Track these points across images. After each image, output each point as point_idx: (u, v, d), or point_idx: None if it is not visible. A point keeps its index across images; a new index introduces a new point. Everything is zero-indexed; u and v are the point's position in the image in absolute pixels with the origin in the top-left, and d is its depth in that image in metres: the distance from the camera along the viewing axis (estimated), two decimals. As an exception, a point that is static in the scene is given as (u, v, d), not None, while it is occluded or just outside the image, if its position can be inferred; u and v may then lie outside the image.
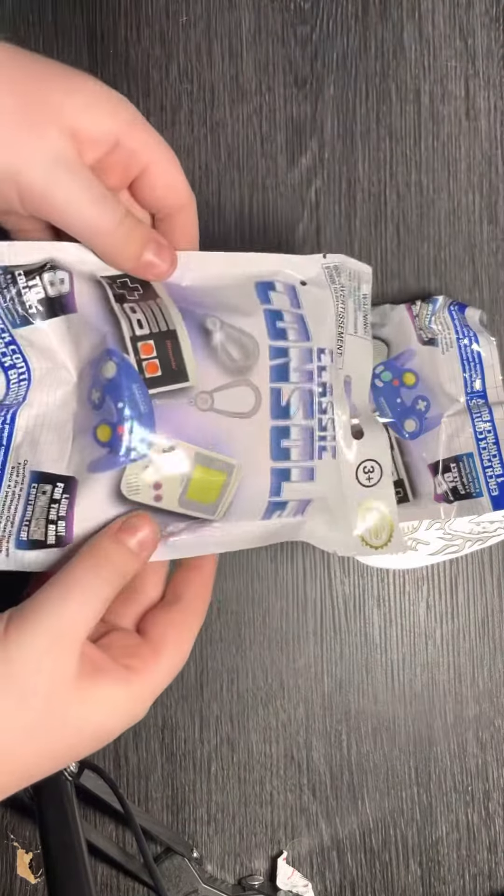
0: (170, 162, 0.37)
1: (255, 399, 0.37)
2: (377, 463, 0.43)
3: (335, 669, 0.57)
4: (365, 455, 0.43)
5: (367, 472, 0.43)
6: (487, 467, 0.53)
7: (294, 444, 0.38)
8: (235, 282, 0.39)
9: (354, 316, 0.42)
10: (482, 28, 0.58)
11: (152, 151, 0.36)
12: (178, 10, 0.58)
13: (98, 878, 0.56)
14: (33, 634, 0.31)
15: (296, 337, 0.39)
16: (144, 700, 0.34)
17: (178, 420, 0.35)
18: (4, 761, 0.31)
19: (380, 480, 0.43)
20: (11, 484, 0.35)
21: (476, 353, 0.54)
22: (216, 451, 0.36)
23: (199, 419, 0.35)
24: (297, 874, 0.56)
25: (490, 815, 0.57)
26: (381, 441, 0.44)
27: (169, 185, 0.37)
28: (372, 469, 0.43)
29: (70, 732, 0.32)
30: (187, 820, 0.57)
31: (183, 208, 0.38)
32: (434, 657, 0.57)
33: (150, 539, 0.34)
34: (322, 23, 0.58)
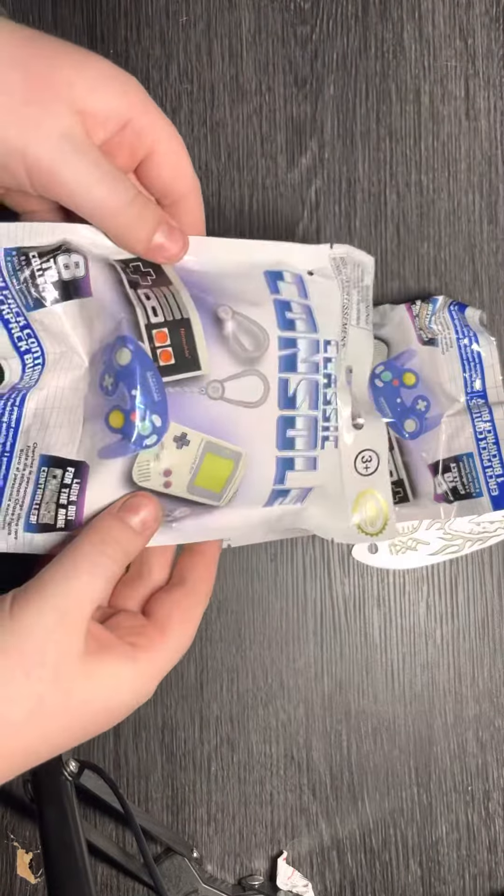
0: (177, 146, 0.36)
1: (264, 389, 0.37)
2: (375, 453, 0.44)
3: (335, 669, 0.57)
4: (364, 445, 0.44)
5: (366, 461, 0.44)
6: (487, 467, 0.53)
7: (299, 433, 0.39)
8: (244, 270, 0.39)
9: (357, 307, 0.43)
10: (482, 28, 0.58)
11: (160, 134, 0.35)
12: (178, 10, 0.58)
13: (98, 878, 0.56)
14: (40, 612, 0.31)
15: (304, 328, 0.39)
16: (151, 678, 0.34)
17: (190, 408, 0.35)
18: (12, 736, 0.30)
19: (377, 470, 0.44)
20: (20, 467, 0.35)
21: (476, 352, 0.54)
22: (225, 440, 0.36)
23: (210, 408, 0.36)
24: (297, 874, 0.56)
25: (490, 815, 0.57)
26: (379, 431, 0.44)
27: (175, 169, 0.36)
28: (370, 458, 0.44)
29: (77, 708, 0.31)
30: (187, 820, 0.57)
31: (188, 194, 0.37)
32: (434, 657, 0.57)
33: (152, 518, 0.35)
34: (322, 23, 0.58)
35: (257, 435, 0.38)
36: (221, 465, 0.37)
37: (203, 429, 0.36)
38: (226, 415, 0.36)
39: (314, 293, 0.40)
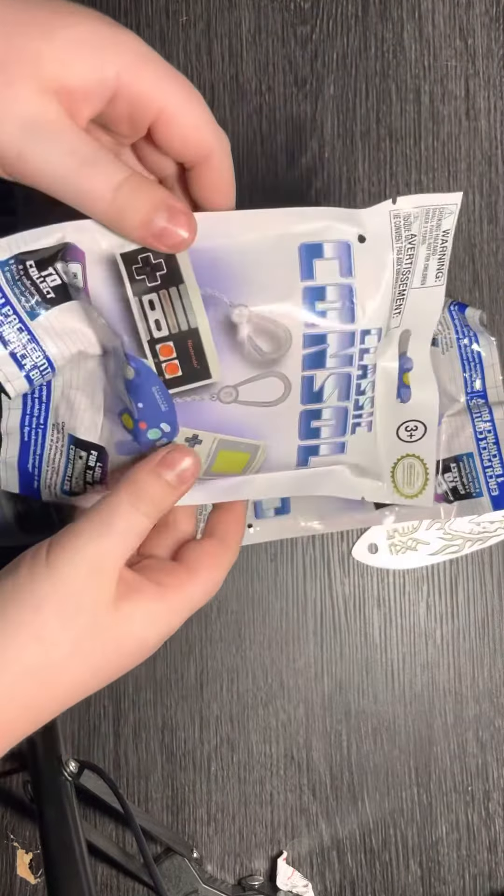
0: (188, 101, 0.31)
1: (285, 388, 0.36)
2: (421, 423, 0.42)
3: (335, 669, 0.57)
4: (409, 416, 0.41)
5: (410, 430, 0.42)
6: (487, 467, 0.53)
7: (326, 423, 0.37)
8: (275, 245, 0.34)
9: (425, 265, 0.37)
10: (482, 28, 0.58)
11: (164, 92, 0.31)
12: (178, 10, 0.58)
13: (98, 878, 0.56)
14: (73, 563, 0.32)
15: (338, 319, 0.35)
16: (180, 612, 0.35)
17: (200, 414, 0.35)
18: (56, 676, 0.32)
19: (422, 437, 0.42)
20: (54, 439, 0.37)
21: (476, 352, 0.54)
22: (240, 437, 0.36)
23: (223, 411, 0.35)
24: (297, 874, 0.56)
25: (490, 815, 0.57)
26: (430, 401, 0.42)
27: (191, 129, 0.32)
28: (415, 428, 0.42)
29: (112, 647, 0.33)
30: (187, 820, 0.57)
31: (211, 155, 0.33)
32: (434, 657, 0.57)
33: (191, 471, 0.34)
34: (322, 22, 0.58)
35: (277, 428, 0.36)
36: (238, 457, 0.37)
37: (215, 430, 0.36)
38: (240, 415, 0.36)
39: (361, 267, 0.35)
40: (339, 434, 0.38)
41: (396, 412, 0.41)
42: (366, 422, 0.39)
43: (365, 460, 0.40)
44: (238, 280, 0.34)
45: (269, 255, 0.34)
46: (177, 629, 0.35)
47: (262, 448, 0.37)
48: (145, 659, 0.35)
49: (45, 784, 0.47)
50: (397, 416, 0.41)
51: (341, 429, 0.38)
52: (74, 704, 0.34)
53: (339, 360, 0.36)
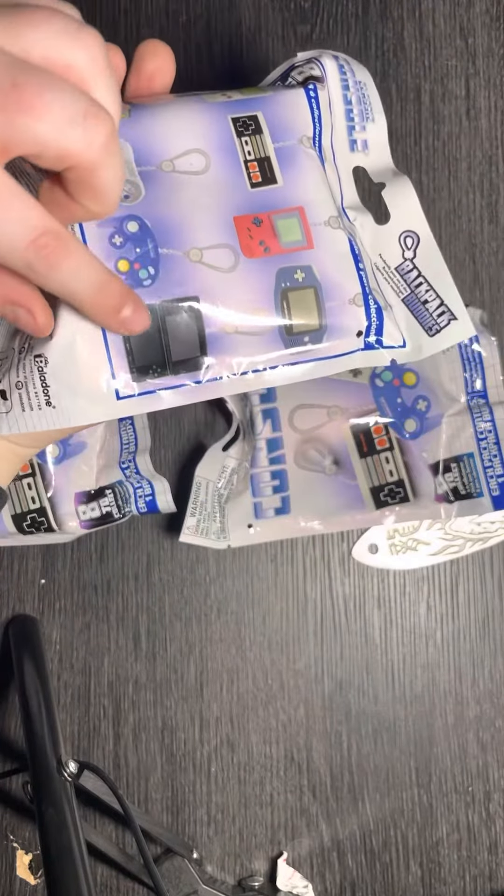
0: (60, 35, 0.27)
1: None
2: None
3: (335, 670, 0.57)
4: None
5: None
6: (488, 467, 0.53)
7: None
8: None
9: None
10: (482, 27, 0.58)
11: (58, 55, 0.27)
12: (178, 10, 0.58)
13: (98, 878, 0.56)
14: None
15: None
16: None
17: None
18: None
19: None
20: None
21: (477, 352, 0.54)
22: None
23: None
24: (298, 875, 0.56)
25: (490, 816, 0.57)
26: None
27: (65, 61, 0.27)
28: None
29: None
30: (187, 821, 0.57)
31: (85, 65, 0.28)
32: (435, 658, 0.57)
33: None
34: (322, 22, 0.57)
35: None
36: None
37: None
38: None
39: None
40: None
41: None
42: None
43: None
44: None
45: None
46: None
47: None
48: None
49: (45, 785, 0.47)
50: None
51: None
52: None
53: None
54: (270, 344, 0.35)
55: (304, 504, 0.54)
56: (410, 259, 0.39)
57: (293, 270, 0.35)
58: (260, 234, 0.35)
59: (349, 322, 0.36)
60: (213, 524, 0.53)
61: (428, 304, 0.38)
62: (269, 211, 0.35)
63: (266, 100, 0.37)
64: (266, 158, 0.36)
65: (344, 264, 0.36)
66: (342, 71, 0.38)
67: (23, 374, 0.33)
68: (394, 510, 0.54)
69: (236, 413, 0.55)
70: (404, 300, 0.39)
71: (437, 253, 0.38)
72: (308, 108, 0.37)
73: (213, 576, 0.57)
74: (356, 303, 0.36)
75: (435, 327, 0.38)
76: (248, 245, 0.35)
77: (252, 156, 0.36)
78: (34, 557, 0.56)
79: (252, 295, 0.34)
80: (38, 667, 0.52)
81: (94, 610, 0.56)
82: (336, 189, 0.38)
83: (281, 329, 0.35)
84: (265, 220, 0.35)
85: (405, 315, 0.38)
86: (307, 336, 0.35)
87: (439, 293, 0.38)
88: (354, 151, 0.39)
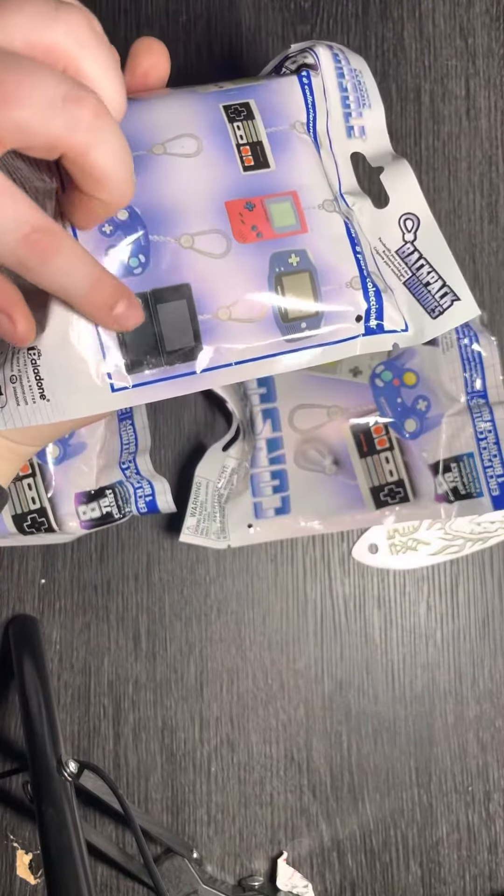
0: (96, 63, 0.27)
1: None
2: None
3: (335, 670, 0.57)
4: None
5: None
6: (488, 467, 0.53)
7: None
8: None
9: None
10: (482, 27, 0.57)
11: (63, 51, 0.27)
12: (177, 10, 0.58)
13: (98, 878, 0.56)
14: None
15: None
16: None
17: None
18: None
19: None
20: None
21: (476, 352, 0.54)
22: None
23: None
24: (298, 875, 0.56)
25: (490, 815, 0.57)
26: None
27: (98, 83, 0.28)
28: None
29: None
30: (187, 821, 0.57)
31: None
32: (435, 658, 0.57)
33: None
34: (322, 22, 0.57)
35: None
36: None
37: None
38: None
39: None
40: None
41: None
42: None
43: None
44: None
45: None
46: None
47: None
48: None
49: (45, 784, 0.47)
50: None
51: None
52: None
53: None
54: (266, 331, 0.34)
55: (304, 504, 0.54)
56: (411, 241, 0.38)
57: (287, 255, 0.34)
58: (252, 219, 0.34)
59: (347, 306, 0.35)
60: (213, 524, 0.53)
61: (430, 286, 0.38)
62: (261, 195, 0.35)
63: (258, 87, 0.36)
64: (258, 143, 0.35)
65: (340, 247, 0.35)
66: (336, 59, 0.37)
67: (17, 367, 0.33)
68: (394, 510, 0.54)
69: (236, 413, 0.55)
70: (406, 283, 0.38)
71: (438, 234, 0.38)
72: (301, 94, 0.37)
73: (213, 576, 0.57)
74: (353, 286, 0.35)
75: (438, 309, 0.37)
76: (240, 230, 0.34)
77: (244, 140, 0.35)
78: (34, 557, 0.56)
79: (245, 280, 0.34)
80: (38, 667, 0.52)
81: (94, 610, 0.56)
82: (333, 174, 0.37)
83: (276, 315, 0.34)
84: (257, 205, 0.34)
85: (407, 298, 0.38)
86: (304, 322, 0.35)
87: (441, 274, 0.37)
88: (352, 137, 0.38)
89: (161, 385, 0.34)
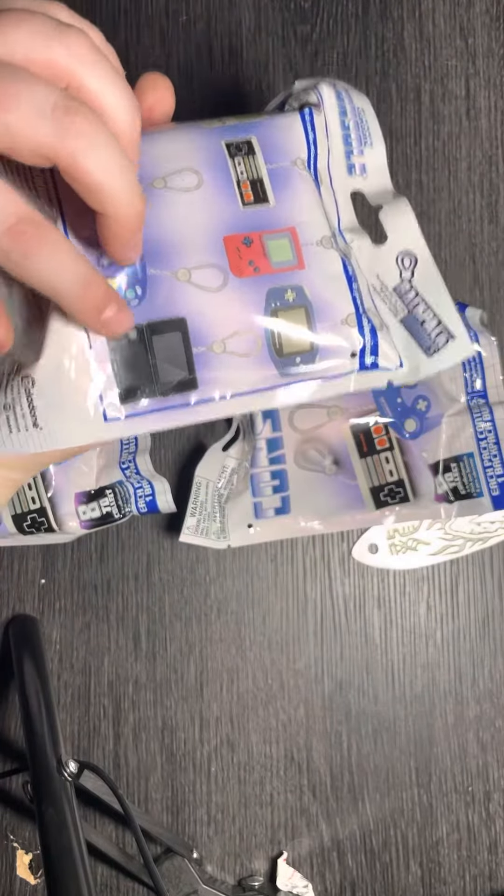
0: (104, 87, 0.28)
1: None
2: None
3: (335, 670, 0.57)
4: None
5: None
6: (488, 467, 0.53)
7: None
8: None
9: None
10: (483, 27, 0.57)
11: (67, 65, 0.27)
12: (177, 10, 0.58)
13: (98, 878, 0.56)
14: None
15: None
16: None
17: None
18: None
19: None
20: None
21: (477, 352, 0.54)
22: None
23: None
24: (298, 875, 0.56)
25: (490, 815, 0.57)
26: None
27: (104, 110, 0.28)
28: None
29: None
30: (187, 821, 0.57)
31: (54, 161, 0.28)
32: (435, 658, 0.57)
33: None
34: (322, 22, 0.57)
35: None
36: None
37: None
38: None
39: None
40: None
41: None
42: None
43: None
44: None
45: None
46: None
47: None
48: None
49: (45, 784, 0.47)
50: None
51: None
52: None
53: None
54: (261, 365, 0.34)
55: (304, 504, 0.54)
56: (408, 279, 0.39)
57: (284, 290, 0.35)
58: (250, 254, 0.35)
59: (342, 342, 0.35)
60: (213, 524, 0.53)
61: (426, 324, 0.38)
62: (259, 231, 0.35)
63: (260, 124, 0.37)
64: (259, 180, 0.36)
65: (336, 285, 0.36)
66: (339, 97, 0.38)
67: (10, 395, 0.33)
68: (394, 510, 0.54)
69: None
70: (402, 321, 0.38)
71: (435, 273, 0.38)
72: (303, 130, 0.37)
73: (213, 576, 0.57)
74: (349, 323, 0.36)
75: (433, 347, 0.38)
76: (237, 265, 0.34)
77: (245, 175, 0.36)
78: (34, 557, 0.56)
79: (241, 315, 0.34)
80: (38, 667, 0.52)
81: (94, 610, 0.56)
82: (332, 211, 0.38)
83: (271, 350, 0.35)
84: (255, 241, 0.35)
85: (403, 336, 0.38)
86: (299, 357, 0.35)
87: (437, 313, 0.38)
88: (353, 175, 0.39)
89: (154, 416, 0.34)
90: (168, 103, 0.35)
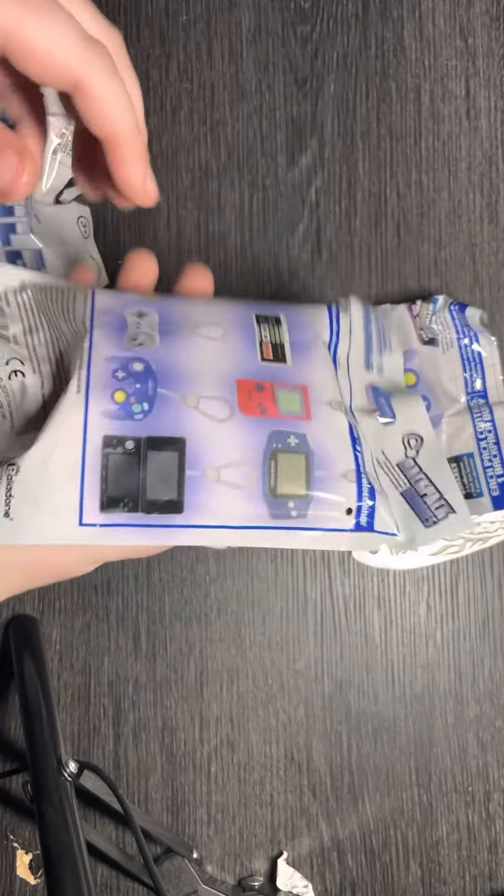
0: (37, 19, 0.28)
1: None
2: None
3: (335, 670, 0.57)
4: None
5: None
6: (488, 467, 0.53)
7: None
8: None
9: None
10: (482, 27, 0.57)
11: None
12: (177, 10, 0.58)
13: (98, 878, 0.56)
14: None
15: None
16: None
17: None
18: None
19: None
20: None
21: (476, 352, 0.54)
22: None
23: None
24: (298, 875, 0.56)
25: (490, 815, 0.57)
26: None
27: (40, 52, 0.29)
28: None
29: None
30: (187, 821, 0.57)
31: (78, 84, 0.30)
32: (434, 658, 0.57)
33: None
34: (322, 22, 0.57)
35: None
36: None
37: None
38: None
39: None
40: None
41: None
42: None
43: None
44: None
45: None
46: None
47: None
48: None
49: (45, 784, 0.47)
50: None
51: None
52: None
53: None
54: (252, 500, 0.34)
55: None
56: (413, 458, 0.39)
57: (287, 434, 0.35)
58: (260, 398, 0.35)
59: (339, 497, 0.35)
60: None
61: (426, 498, 0.38)
62: (273, 381, 0.36)
63: (290, 307, 0.39)
64: (280, 344, 0.37)
65: (340, 441, 0.36)
66: (366, 311, 0.40)
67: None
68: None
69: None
70: (403, 493, 0.39)
71: (440, 454, 0.39)
72: (328, 319, 0.39)
73: (213, 576, 0.57)
74: (348, 478, 0.35)
75: (432, 519, 0.38)
76: (245, 404, 0.35)
77: (268, 339, 0.37)
78: (34, 557, 0.56)
79: (241, 447, 0.34)
80: (38, 667, 0.52)
81: (94, 610, 0.56)
82: (346, 391, 0.39)
83: (265, 488, 0.34)
84: (267, 388, 0.35)
85: (402, 507, 0.38)
86: (292, 501, 0.34)
87: (439, 488, 0.38)
88: (370, 371, 0.40)
89: (132, 531, 0.33)
90: (207, 290, 0.38)
